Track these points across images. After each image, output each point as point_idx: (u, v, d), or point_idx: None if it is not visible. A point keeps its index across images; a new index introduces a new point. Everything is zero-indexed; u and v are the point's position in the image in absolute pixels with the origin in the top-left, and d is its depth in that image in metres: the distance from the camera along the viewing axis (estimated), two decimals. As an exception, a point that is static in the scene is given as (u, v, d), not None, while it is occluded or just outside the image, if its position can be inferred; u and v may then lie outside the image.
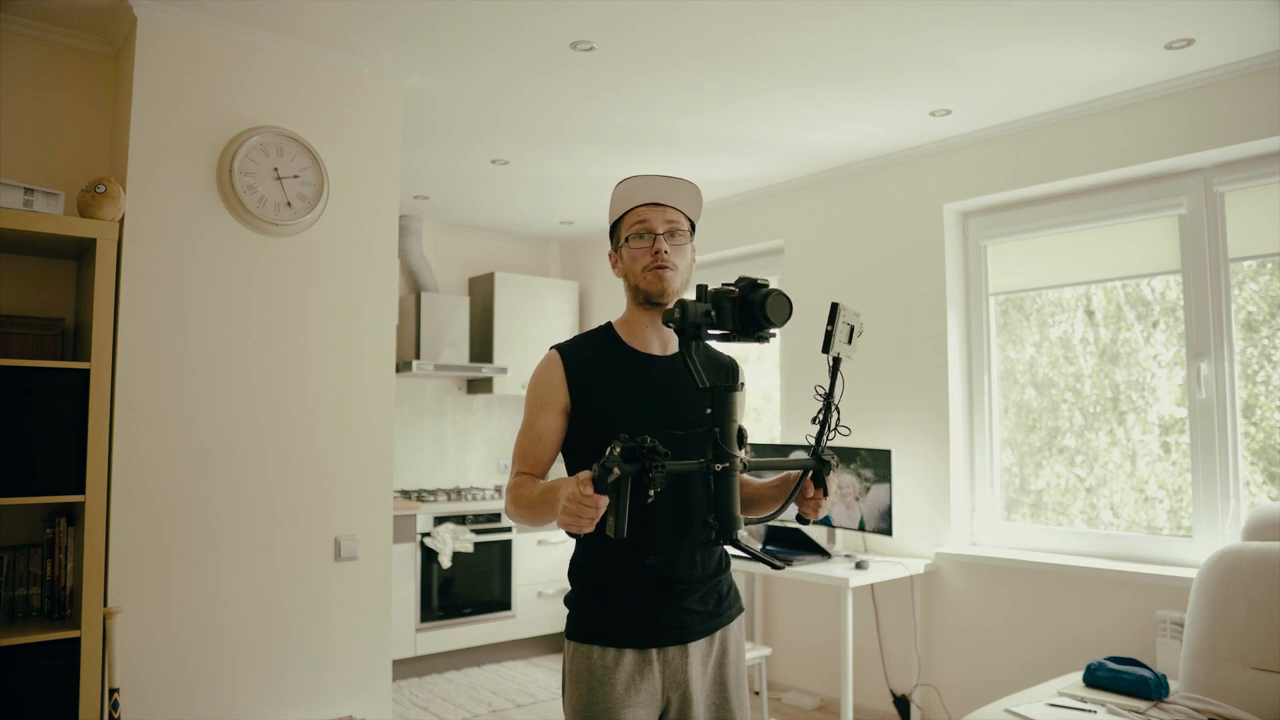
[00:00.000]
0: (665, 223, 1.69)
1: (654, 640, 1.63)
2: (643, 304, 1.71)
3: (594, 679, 1.61)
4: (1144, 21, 2.78)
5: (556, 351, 1.71)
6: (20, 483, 2.40)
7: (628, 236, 1.70)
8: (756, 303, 1.43)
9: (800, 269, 4.56)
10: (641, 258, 1.68)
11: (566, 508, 1.35)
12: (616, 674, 1.61)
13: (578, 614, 1.69)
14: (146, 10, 2.71)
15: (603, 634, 1.64)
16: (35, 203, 2.47)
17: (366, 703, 3.05)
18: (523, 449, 1.70)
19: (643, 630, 1.63)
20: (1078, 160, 3.52)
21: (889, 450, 3.85)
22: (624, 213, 1.72)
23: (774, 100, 3.48)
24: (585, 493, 1.32)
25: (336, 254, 3.08)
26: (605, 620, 1.65)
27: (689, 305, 1.43)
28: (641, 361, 1.72)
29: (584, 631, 1.66)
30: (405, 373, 4.99)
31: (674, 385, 1.69)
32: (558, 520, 1.41)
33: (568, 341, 1.75)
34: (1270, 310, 3.24)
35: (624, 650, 1.62)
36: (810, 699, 4.23)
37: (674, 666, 1.64)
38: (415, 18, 2.81)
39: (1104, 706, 2.52)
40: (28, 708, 2.39)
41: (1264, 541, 2.69)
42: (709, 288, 1.49)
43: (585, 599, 1.69)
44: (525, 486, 1.64)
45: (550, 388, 1.69)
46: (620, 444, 1.34)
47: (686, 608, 1.66)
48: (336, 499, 3.03)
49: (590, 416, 1.67)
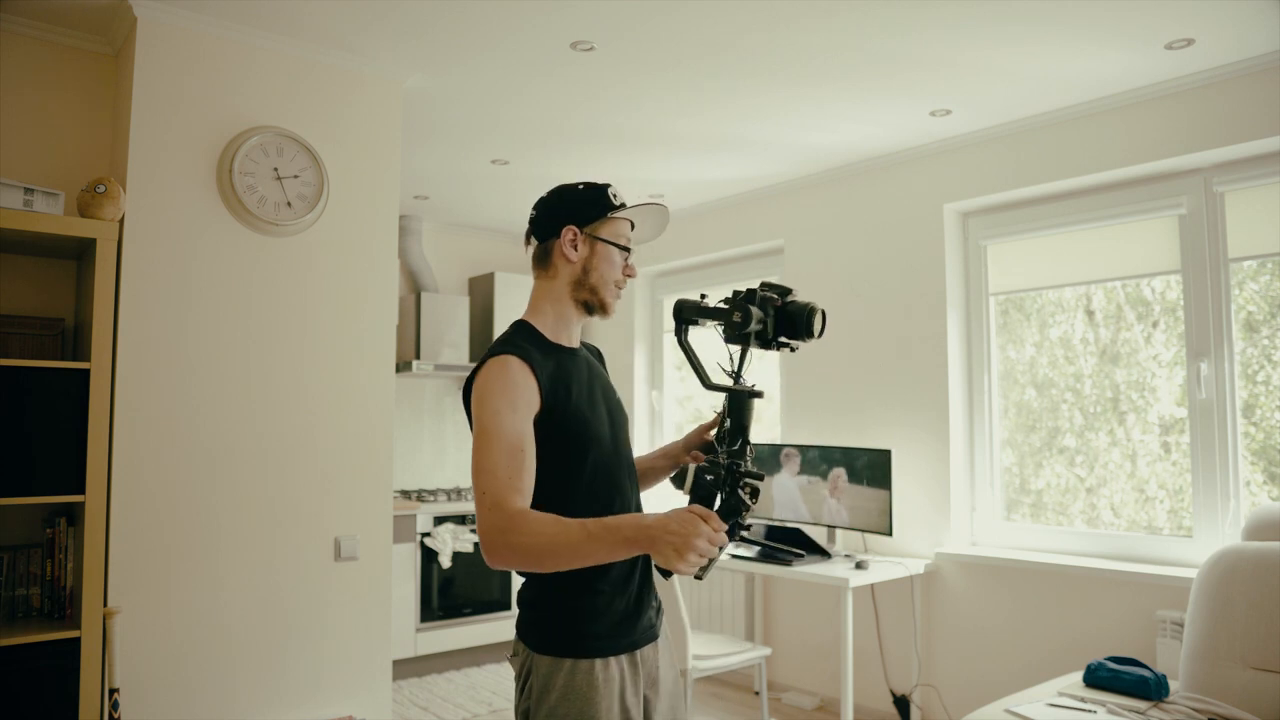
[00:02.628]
0: None
1: (642, 640, 1.59)
2: (581, 305, 1.62)
3: (596, 693, 1.48)
4: (1144, 21, 2.78)
5: (516, 357, 1.48)
6: (20, 483, 2.40)
7: (610, 240, 1.61)
8: (803, 317, 1.49)
9: (800, 269, 4.56)
10: (618, 270, 1.62)
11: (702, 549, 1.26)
12: (615, 684, 1.51)
13: (562, 625, 1.52)
14: (146, 10, 2.71)
15: (596, 645, 1.51)
16: (35, 203, 2.47)
17: (366, 703, 3.05)
18: (510, 471, 1.39)
19: (629, 634, 1.56)
20: (1078, 160, 3.51)
21: (889, 450, 3.85)
22: (618, 214, 1.63)
23: (774, 100, 3.48)
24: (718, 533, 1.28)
25: (336, 254, 3.08)
26: (596, 629, 1.52)
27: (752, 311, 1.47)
28: (571, 356, 1.62)
29: (573, 645, 1.50)
30: (405, 373, 4.99)
31: (596, 377, 1.66)
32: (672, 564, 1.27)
33: (510, 344, 1.52)
34: (1270, 310, 3.24)
35: (619, 657, 1.54)
36: (810, 699, 4.23)
37: (650, 664, 1.60)
38: (415, 18, 2.81)
39: (1104, 706, 2.52)
40: (28, 708, 2.39)
41: (1264, 541, 2.69)
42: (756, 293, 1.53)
43: (572, 608, 1.53)
44: (549, 526, 1.34)
45: (525, 390, 1.47)
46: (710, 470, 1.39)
47: (653, 605, 1.65)
48: (336, 499, 3.03)
49: (562, 422, 1.51)
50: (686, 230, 5.24)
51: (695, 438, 1.76)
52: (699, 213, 5.16)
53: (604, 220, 1.61)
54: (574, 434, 1.53)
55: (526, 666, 1.54)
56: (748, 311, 1.46)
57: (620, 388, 6.17)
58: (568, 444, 1.52)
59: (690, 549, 1.26)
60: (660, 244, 5.42)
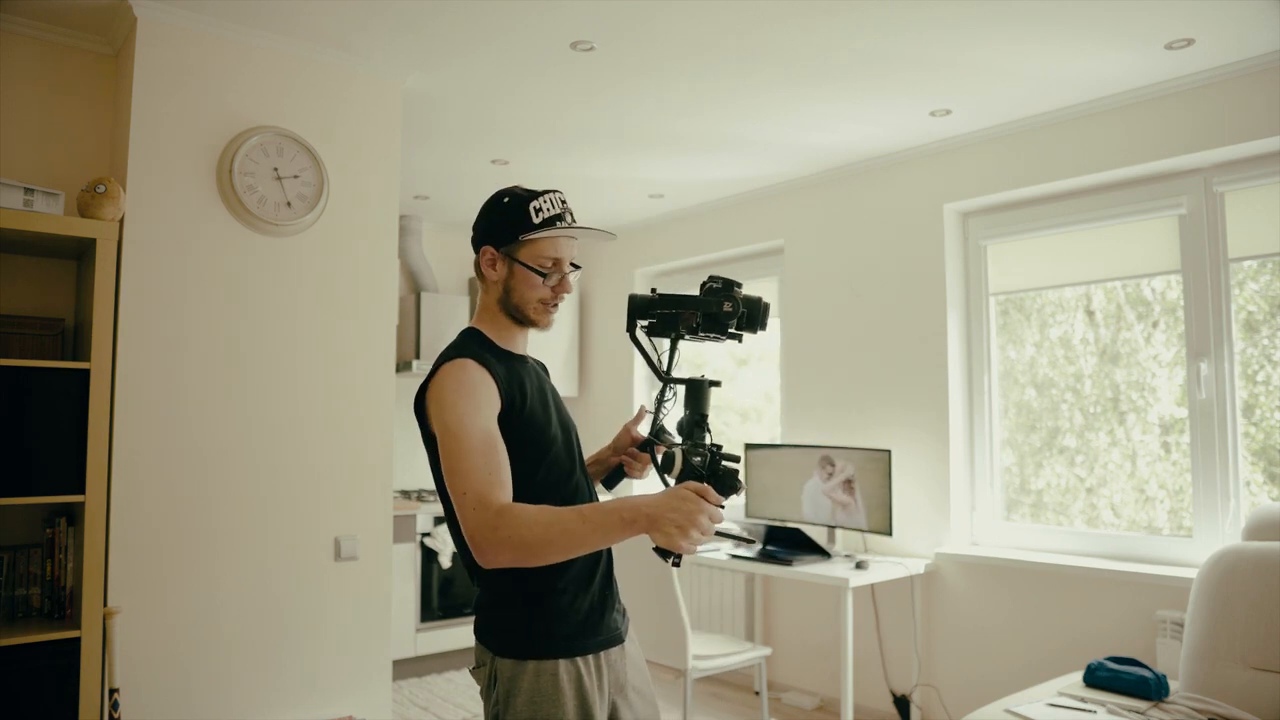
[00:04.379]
0: (571, 252, 1.59)
1: (604, 643, 1.56)
2: (511, 319, 1.60)
3: (562, 695, 1.46)
4: (1144, 21, 2.78)
5: (469, 359, 1.47)
6: (20, 483, 2.40)
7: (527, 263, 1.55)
8: (758, 308, 1.54)
9: (800, 269, 4.56)
10: (540, 290, 1.56)
11: (704, 526, 1.25)
12: (581, 686, 1.49)
13: (524, 626, 1.49)
14: (146, 10, 2.71)
15: (560, 645, 1.49)
16: (35, 203, 2.47)
17: (366, 703, 3.05)
18: (488, 467, 1.37)
19: (594, 635, 1.54)
20: (1078, 160, 3.51)
21: (889, 450, 3.85)
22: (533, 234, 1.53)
23: (774, 100, 3.48)
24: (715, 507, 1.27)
25: (336, 254, 3.08)
26: (559, 630, 1.50)
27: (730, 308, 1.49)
28: (521, 362, 1.61)
29: (536, 645, 1.48)
30: (405, 373, 4.99)
31: (546, 385, 1.66)
32: (675, 543, 1.26)
33: (464, 349, 1.51)
34: (1270, 310, 3.24)
35: (585, 658, 1.51)
36: (810, 699, 4.23)
37: (616, 668, 1.58)
38: (415, 17, 2.81)
39: (1104, 706, 2.52)
40: (28, 708, 2.39)
41: (1264, 541, 2.69)
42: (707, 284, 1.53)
43: (534, 609, 1.50)
44: (541, 515, 1.32)
45: (486, 390, 1.45)
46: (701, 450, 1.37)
47: (617, 607, 1.63)
48: (336, 499, 3.03)
49: (519, 424, 1.49)
50: (686, 230, 5.24)
51: (624, 438, 1.75)
52: (699, 213, 5.16)
53: (519, 244, 1.55)
54: (532, 436, 1.52)
55: (491, 673, 1.50)
56: (736, 301, 1.48)
57: (620, 387, 6.12)
58: (526, 446, 1.50)
59: (694, 525, 1.25)
60: (660, 244, 5.42)
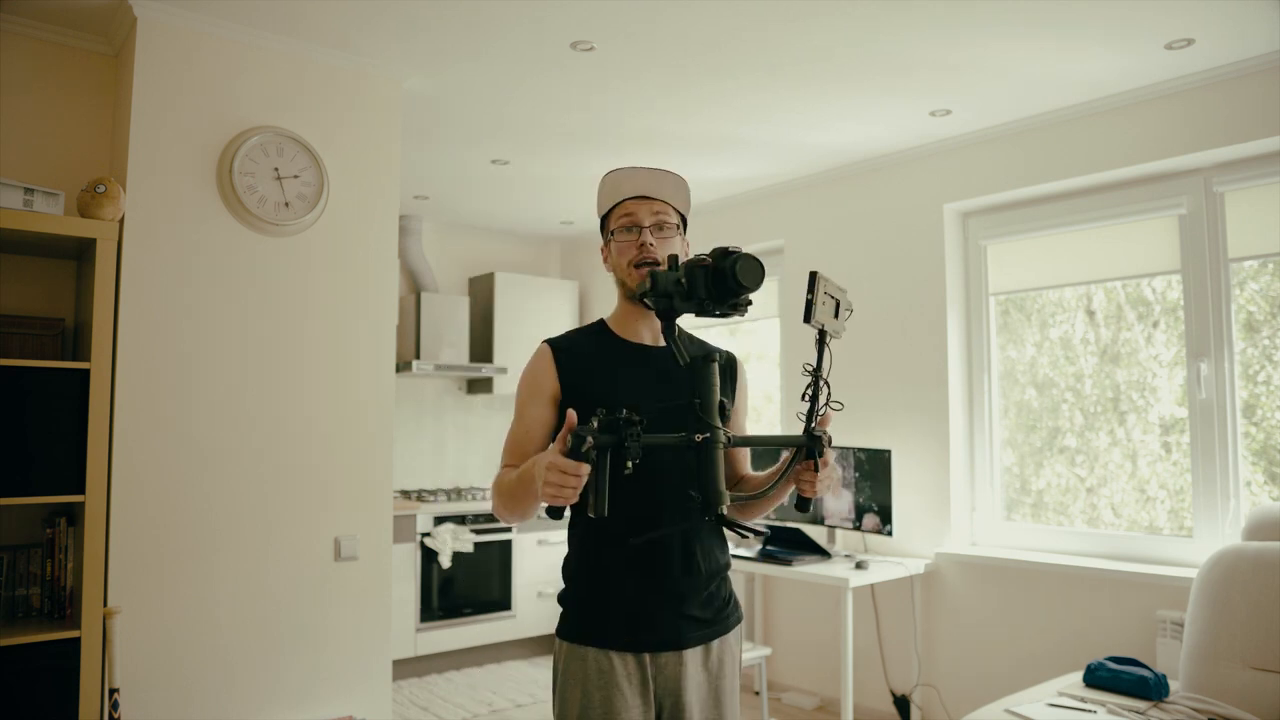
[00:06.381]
0: (652, 215, 1.66)
1: (651, 645, 1.59)
2: (631, 298, 1.67)
3: (589, 681, 1.57)
4: (1144, 21, 2.78)
5: (546, 344, 1.69)
6: (20, 483, 2.39)
7: (614, 230, 1.68)
8: (727, 268, 1.38)
9: (800, 269, 4.56)
10: (628, 252, 1.66)
11: (548, 479, 1.33)
12: (613, 676, 1.57)
13: (573, 614, 1.65)
14: (146, 10, 2.71)
15: (599, 636, 1.59)
16: (35, 203, 2.47)
17: (366, 703, 3.05)
18: (511, 441, 1.68)
19: (641, 633, 1.59)
20: (1078, 160, 3.51)
21: (889, 450, 3.85)
22: (611, 206, 1.70)
23: (774, 100, 3.48)
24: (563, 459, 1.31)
25: (336, 254, 3.07)
26: (602, 621, 1.60)
27: (659, 275, 1.41)
28: (634, 350, 1.69)
29: (579, 632, 1.62)
30: (405, 373, 4.99)
31: (673, 373, 1.60)
32: (540, 494, 1.37)
33: (559, 335, 1.73)
34: (1270, 310, 3.24)
35: (623, 653, 1.58)
36: (810, 699, 4.23)
37: (668, 672, 1.59)
38: (415, 16, 2.81)
39: (1104, 706, 2.52)
40: (28, 708, 2.39)
41: (1264, 541, 2.69)
42: (679, 258, 1.49)
43: (581, 598, 1.65)
44: (506, 476, 1.61)
45: (541, 377, 1.66)
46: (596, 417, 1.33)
47: (685, 613, 1.61)
48: (336, 499, 3.03)
49: (583, 403, 1.54)
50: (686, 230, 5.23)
51: None
52: (699, 212, 5.15)
53: (607, 223, 1.71)
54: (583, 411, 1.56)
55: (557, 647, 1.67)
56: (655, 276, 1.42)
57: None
58: None
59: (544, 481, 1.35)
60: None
